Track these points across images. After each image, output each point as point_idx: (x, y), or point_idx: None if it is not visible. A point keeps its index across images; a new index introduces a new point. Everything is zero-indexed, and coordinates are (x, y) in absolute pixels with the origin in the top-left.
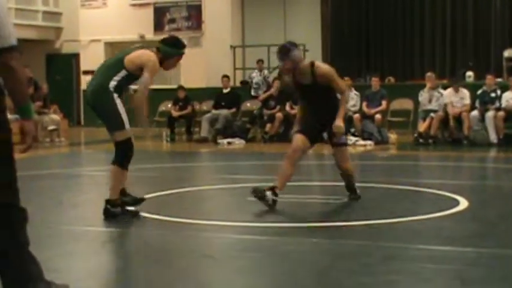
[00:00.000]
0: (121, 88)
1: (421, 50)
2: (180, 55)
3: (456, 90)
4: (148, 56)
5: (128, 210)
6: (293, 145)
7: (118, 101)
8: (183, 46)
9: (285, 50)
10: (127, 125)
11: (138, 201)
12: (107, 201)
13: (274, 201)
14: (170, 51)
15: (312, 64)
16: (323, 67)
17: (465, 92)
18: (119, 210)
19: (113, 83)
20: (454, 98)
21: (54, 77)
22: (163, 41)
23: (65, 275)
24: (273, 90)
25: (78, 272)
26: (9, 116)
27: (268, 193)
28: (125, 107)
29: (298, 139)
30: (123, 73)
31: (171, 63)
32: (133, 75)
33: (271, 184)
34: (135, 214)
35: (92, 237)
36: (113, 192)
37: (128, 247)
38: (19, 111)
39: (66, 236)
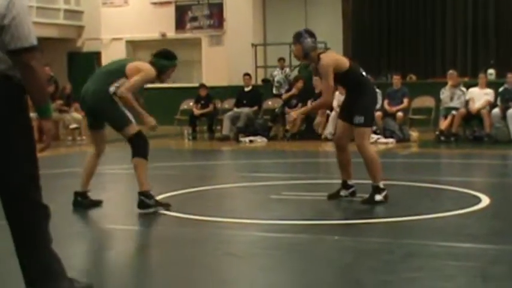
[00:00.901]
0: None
1: (443, 47)
2: (174, 66)
3: (482, 87)
4: (148, 66)
5: (159, 202)
6: (337, 133)
7: (119, 102)
8: (175, 57)
9: (297, 35)
10: (133, 120)
11: (96, 203)
12: (140, 193)
13: (353, 194)
14: (166, 64)
15: (319, 55)
16: (322, 61)
17: (489, 90)
18: (153, 201)
19: (112, 88)
20: (478, 94)
21: (76, 75)
22: (157, 54)
23: (88, 273)
24: (295, 90)
25: (100, 270)
26: (31, 114)
27: (343, 192)
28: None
29: (338, 126)
30: (123, 80)
31: (167, 75)
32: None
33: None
34: (167, 206)
35: (114, 236)
36: (143, 183)
37: (150, 245)
38: (38, 111)
39: (88, 235)
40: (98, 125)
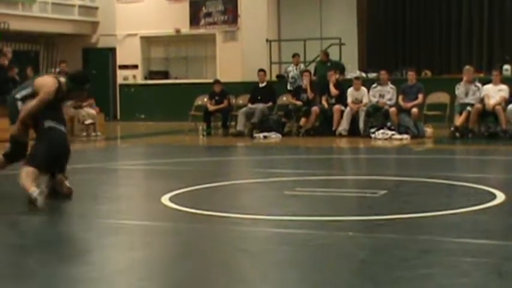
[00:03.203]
0: (24, 101)
1: (458, 43)
2: (81, 90)
3: (496, 83)
4: (48, 85)
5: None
6: None
7: (20, 107)
8: (84, 82)
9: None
10: None
11: None
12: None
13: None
14: (72, 87)
15: None
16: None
17: (504, 86)
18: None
19: (19, 95)
20: (492, 91)
21: (91, 71)
22: (69, 75)
23: (101, 268)
24: (304, 84)
25: (113, 266)
26: None
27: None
28: None
29: None
30: (30, 89)
31: (75, 95)
32: (34, 95)
33: None
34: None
35: (127, 231)
36: None
37: (163, 241)
38: None
39: (102, 230)
40: None
